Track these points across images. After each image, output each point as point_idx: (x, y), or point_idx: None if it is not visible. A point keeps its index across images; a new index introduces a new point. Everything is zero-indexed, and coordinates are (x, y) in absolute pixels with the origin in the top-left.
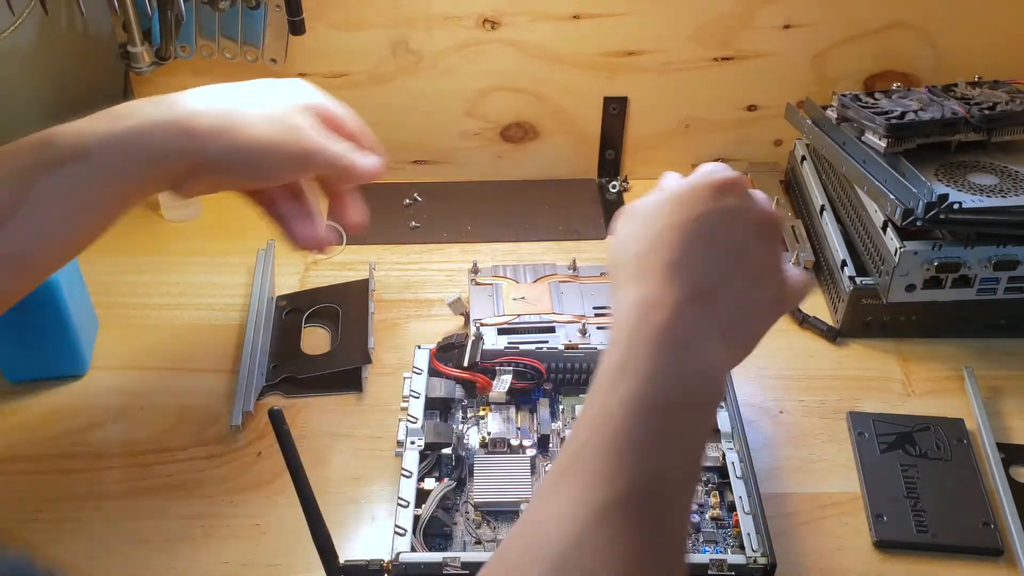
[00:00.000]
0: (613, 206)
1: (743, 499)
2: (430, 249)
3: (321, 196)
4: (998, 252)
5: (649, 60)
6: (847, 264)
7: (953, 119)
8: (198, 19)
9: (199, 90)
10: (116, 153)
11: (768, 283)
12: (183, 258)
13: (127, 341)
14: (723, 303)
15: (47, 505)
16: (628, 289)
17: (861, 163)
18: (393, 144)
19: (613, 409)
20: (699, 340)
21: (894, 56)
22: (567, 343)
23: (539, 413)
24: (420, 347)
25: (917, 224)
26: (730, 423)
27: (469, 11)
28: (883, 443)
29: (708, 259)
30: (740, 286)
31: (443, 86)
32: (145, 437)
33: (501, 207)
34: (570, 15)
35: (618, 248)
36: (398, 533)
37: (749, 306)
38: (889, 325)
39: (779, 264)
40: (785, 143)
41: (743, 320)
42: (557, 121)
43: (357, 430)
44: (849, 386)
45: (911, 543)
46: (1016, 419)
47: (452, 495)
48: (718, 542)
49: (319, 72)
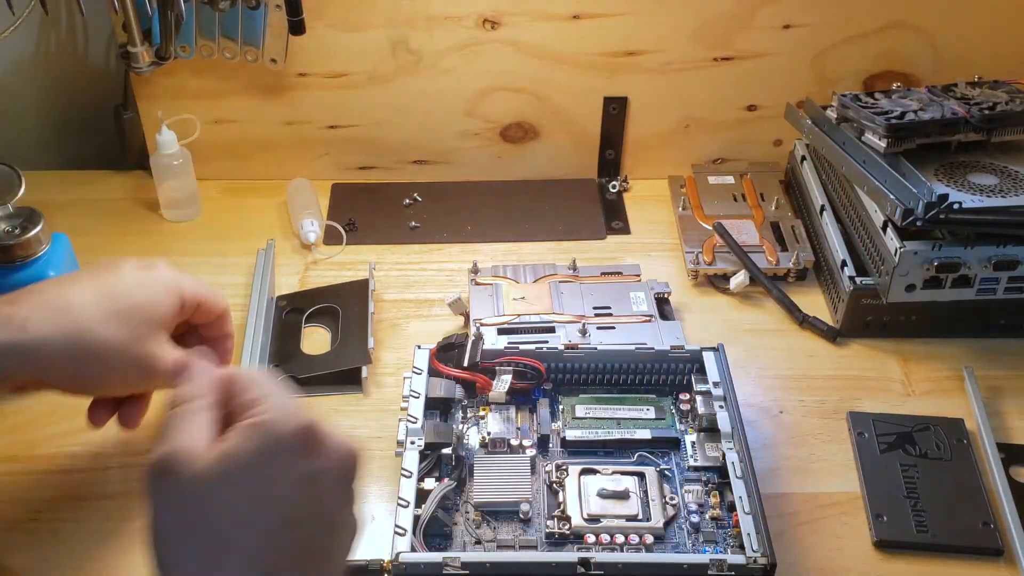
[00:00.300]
0: (613, 206)
1: (743, 499)
2: (430, 249)
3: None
4: (998, 252)
5: (649, 60)
6: (847, 264)
7: (953, 119)
8: (198, 19)
9: (54, 302)
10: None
11: (347, 529)
12: (183, 258)
13: None
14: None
15: (47, 505)
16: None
17: (861, 163)
18: (393, 144)
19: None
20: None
21: (894, 56)
22: (567, 343)
23: (539, 413)
24: (420, 347)
25: (917, 224)
26: (730, 423)
27: (469, 11)
28: (883, 443)
29: (294, 554)
30: (326, 553)
31: (443, 86)
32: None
33: (501, 207)
34: (570, 15)
35: (164, 545)
36: (398, 533)
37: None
38: (889, 325)
39: (351, 502)
40: (785, 143)
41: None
42: (557, 121)
43: (357, 430)
44: (849, 386)
45: (911, 543)
46: (1016, 419)
47: (452, 495)
48: (718, 542)
49: (319, 72)
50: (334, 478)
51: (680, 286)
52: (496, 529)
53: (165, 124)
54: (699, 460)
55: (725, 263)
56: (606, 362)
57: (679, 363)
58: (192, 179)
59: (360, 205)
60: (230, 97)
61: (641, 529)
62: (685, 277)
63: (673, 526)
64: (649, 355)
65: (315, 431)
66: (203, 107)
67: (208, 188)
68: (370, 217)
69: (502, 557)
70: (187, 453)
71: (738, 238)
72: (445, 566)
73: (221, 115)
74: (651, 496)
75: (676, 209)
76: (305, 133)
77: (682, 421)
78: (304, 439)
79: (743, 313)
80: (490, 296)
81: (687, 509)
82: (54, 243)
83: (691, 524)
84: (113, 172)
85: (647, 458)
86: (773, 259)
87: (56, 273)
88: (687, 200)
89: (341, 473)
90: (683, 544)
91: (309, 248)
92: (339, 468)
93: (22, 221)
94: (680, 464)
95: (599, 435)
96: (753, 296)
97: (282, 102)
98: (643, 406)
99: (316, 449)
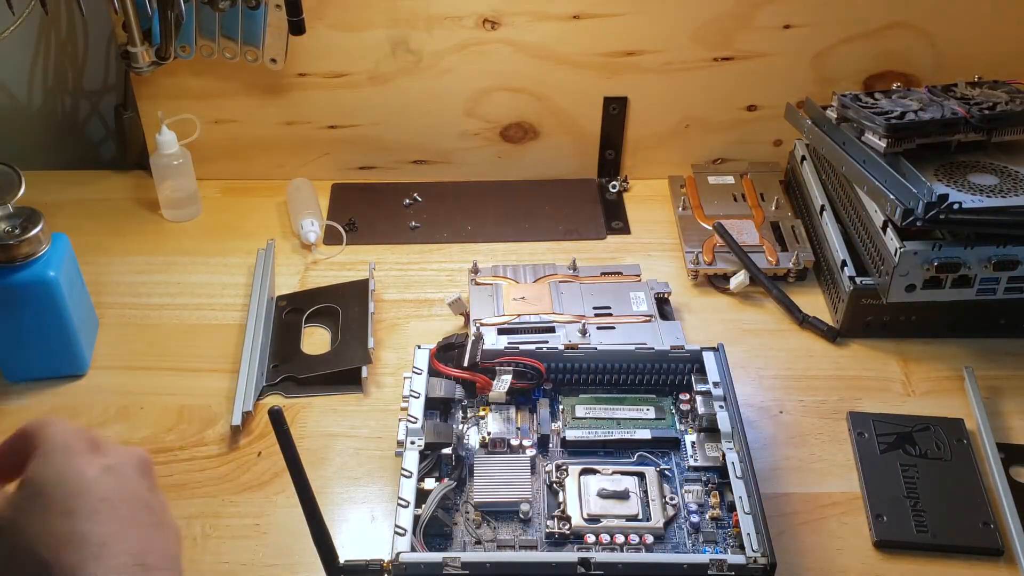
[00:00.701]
0: (613, 206)
1: (743, 499)
2: (430, 249)
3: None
4: (998, 252)
5: (649, 60)
6: (847, 264)
7: (953, 119)
8: (198, 19)
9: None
10: None
11: (166, 515)
12: (183, 258)
13: (127, 341)
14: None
15: None
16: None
17: (861, 163)
18: (393, 144)
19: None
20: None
21: (894, 56)
22: (567, 343)
23: (539, 413)
24: (420, 347)
25: (917, 224)
26: (730, 423)
27: (469, 11)
28: (883, 443)
29: (128, 532)
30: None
31: (443, 86)
32: (145, 437)
33: (501, 207)
34: (570, 15)
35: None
36: (398, 533)
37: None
38: (889, 325)
39: (157, 490)
40: (785, 143)
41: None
42: (557, 121)
43: (357, 430)
44: (849, 386)
45: (911, 543)
46: (1016, 419)
47: (452, 495)
48: (718, 542)
49: (319, 72)
50: (132, 466)
51: (680, 286)
52: (496, 529)
53: (165, 124)
54: (699, 460)
55: (725, 263)
56: (606, 362)
57: (679, 363)
58: (192, 179)
59: (360, 205)
60: (230, 97)
61: (641, 529)
62: (685, 277)
63: (673, 526)
64: (649, 355)
65: (94, 437)
66: (203, 107)
67: (208, 188)
68: (370, 217)
69: (502, 557)
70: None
71: (738, 238)
72: (445, 566)
73: (221, 115)
74: (651, 496)
75: (676, 209)
76: (305, 133)
77: (682, 421)
78: (87, 442)
79: (743, 313)
80: (490, 296)
81: (687, 509)
82: (54, 243)
83: (691, 524)
84: (113, 172)
85: (647, 458)
86: (773, 259)
87: (56, 273)
88: (687, 200)
89: (137, 464)
90: (683, 544)
91: (309, 248)
92: (133, 460)
93: (22, 221)
94: (680, 464)
95: (599, 435)
96: (753, 296)
97: (282, 102)
98: (643, 406)
99: (103, 449)
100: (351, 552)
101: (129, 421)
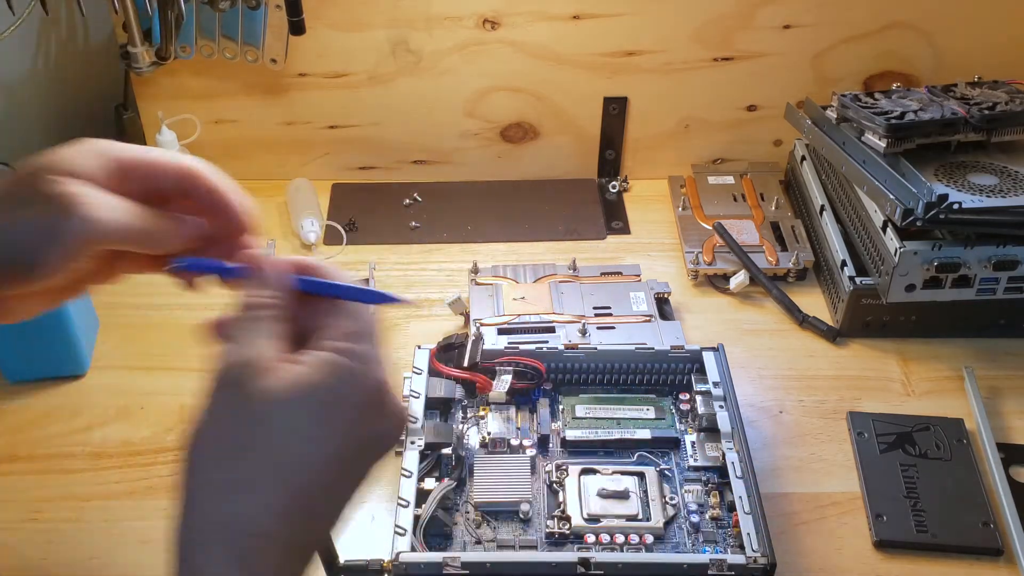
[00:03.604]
0: (613, 206)
1: (743, 499)
2: (430, 249)
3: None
4: (998, 252)
5: (649, 60)
6: (847, 264)
7: (953, 119)
8: (198, 19)
9: None
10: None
11: (353, 495)
12: None
13: (127, 341)
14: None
15: (47, 505)
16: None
17: (861, 163)
18: (393, 144)
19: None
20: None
21: (894, 56)
22: (567, 343)
23: (539, 413)
24: (420, 347)
25: (917, 224)
26: (730, 423)
27: (469, 11)
28: (883, 443)
29: (315, 502)
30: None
31: (443, 86)
32: (145, 437)
33: (501, 207)
34: (570, 15)
35: (199, 455)
36: (398, 533)
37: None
38: (889, 325)
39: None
40: (785, 143)
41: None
42: (557, 121)
43: None
44: (849, 386)
45: (911, 543)
46: (1016, 419)
47: (452, 495)
48: (718, 542)
49: (319, 72)
50: (381, 445)
51: (680, 286)
52: (496, 529)
53: (165, 124)
54: (699, 460)
55: (725, 263)
56: (606, 362)
57: (679, 363)
58: None
59: (360, 205)
60: (230, 97)
61: (641, 529)
62: (685, 277)
63: (673, 526)
64: (649, 355)
65: (386, 391)
66: (203, 107)
67: None
68: (370, 217)
69: (502, 557)
70: (257, 367)
71: (738, 238)
72: (445, 566)
73: (221, 115)
74: (651, 496)
75: (676, 209)
76: (305, 133)
77: (682, 421)
78: (375, 399)
79: (743, 313)
80: (490, 296)
81: (687, 509)
82: None
83: (691, 524)
84: None
85: (647, 458)
86: (773, 259)
87: None
88: (687, 200)
89: (386, 441)
90: (683, 544)
91: (309, 248)
92: (387, 437)
93: None
94: (680, 464)
95: (599, 435)
96: (753, 296)
97: (282, 102)
98: (643, 406)
99: (379, 411)
100: (351, 552)
101: (129, 421)
